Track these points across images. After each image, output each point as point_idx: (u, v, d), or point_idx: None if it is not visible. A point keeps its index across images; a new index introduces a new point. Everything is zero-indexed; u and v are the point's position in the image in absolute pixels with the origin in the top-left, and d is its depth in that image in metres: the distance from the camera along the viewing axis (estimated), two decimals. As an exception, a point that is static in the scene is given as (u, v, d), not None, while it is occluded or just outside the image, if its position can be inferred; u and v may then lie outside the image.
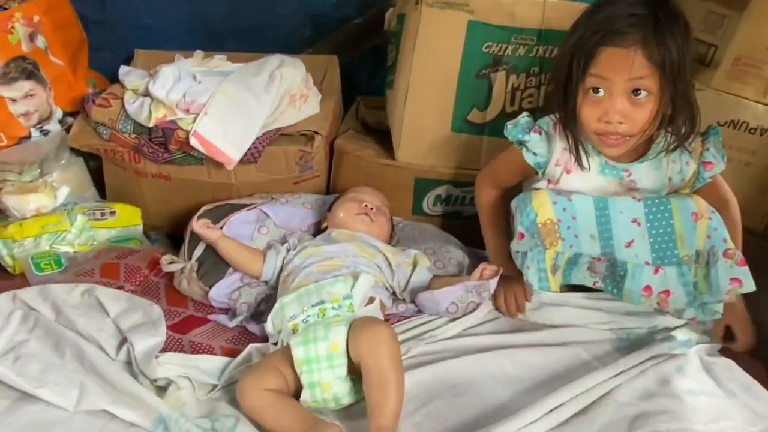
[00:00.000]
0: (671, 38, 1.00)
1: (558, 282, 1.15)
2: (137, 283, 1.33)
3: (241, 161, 1.44)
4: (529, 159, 1.18)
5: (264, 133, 1.48)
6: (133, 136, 1.44)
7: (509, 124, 1.20)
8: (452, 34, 1.41)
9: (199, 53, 1.72)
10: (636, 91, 1.02)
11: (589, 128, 1.08)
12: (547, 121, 1.19)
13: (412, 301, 1.25)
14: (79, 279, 1.31)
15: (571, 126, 1.11)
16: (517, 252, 1.16)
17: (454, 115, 1.47)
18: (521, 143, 1.18)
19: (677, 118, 1.07)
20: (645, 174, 1.14)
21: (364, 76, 2.09)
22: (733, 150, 1.39)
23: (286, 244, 1.26)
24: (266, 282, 1.26)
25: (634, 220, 1.10)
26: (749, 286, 1.06)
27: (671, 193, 1.16)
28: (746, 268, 1.06)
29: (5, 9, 1.43)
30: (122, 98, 1.48)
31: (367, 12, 2.00)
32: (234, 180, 1.50)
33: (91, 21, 1.84)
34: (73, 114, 1.58)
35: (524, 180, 1.29)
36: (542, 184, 1.20)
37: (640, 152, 1.14)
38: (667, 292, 1.10)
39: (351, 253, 1.20)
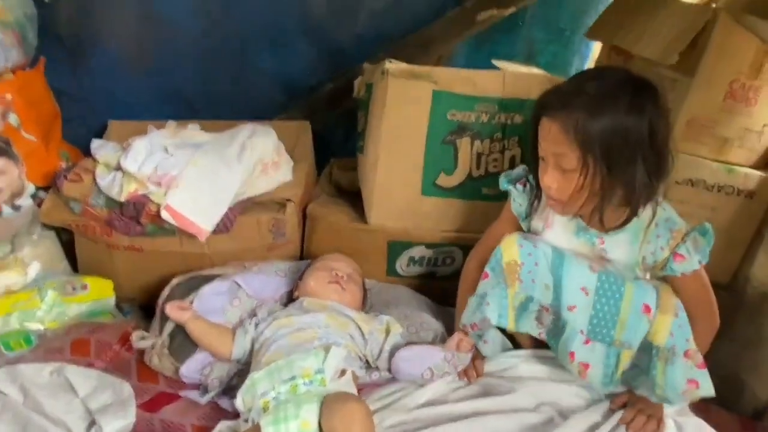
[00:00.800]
0: (598, 120, 1.00)
1: (511, 326, 1.18)
2: (108, 359, 1.31)
3: (214, 231, 1.45)
4: (514, 207, 1.24)
5: (236, 203, 1.49)
6: (105, 210, 1.45)
7: (503, 175, 1.26)
8: (418, 102, 1.46)
9: (171, 123, 1.75)
10: (557, 163, 1.05)
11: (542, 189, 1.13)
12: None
13: (387, 369, 1.25)
14: (48, 357, 1.29)
15: (537, 184, 1.16)
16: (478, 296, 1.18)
17: (424, 179, 1.50)
18: (507, 192, 1.24)
19: (612, 199, 1.06)
20: (617, 246, 1.14)
21: (338, 138, 2.13)
22: (692, 206, 1.43)
23: (255, 318, 1.26)
24: (238, 361, 1.25)
25: (583, 288, 1.12)
26: (707, 389, 1.07)
27: (647, 270, 1.16)
28: (705, 372, 1.08)
29: (-22, 89, 1.45)
30: (94, 173, 1.50)
31: (338, 77, 2.06)
32: (207, 250, 1.50)
33: (64, 93, 1.85)
34: (46, 188, 1.59)
35: None
36: None
37: (619, 223, 1.11)
38: (587, 365, 1.13)
39: (323, 324, 1.20)
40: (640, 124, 1.00)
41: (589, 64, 2.17)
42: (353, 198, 1.65)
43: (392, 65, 1.48)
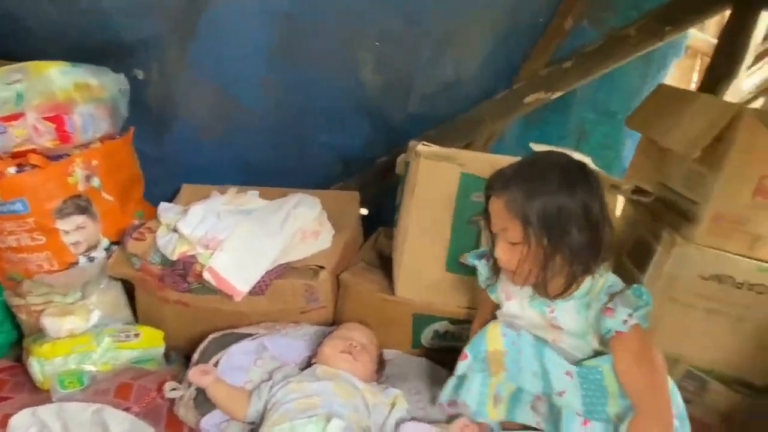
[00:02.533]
0: (539, 199, 1.10)
1: (500, 415, 1.20)
2: (144, 404, 1.45)
3: (250, 292, 1.58)
4: (480, 281, 1.33)
5: (274, 268, 1.62)
6: (159, 267, 1.63)
7: (472, 252, 1.36)
8: (446, 183, 1.53)
9: (232, 189, 1.93)
10: (504, 237, 1.15)
11: None
12: None
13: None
14: (95, 398, 1.44)
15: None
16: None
17: (449, 256, 1.56)
18: (475, 267, 1.34)
19: (553, 267, 1.12)
20: (566, 313, 1.19)
21: (389, 208, 2.23)
22: (721, 303, 1.39)
23: (270, 381, 1.35)
24: (252, 422, 1.34)
25: (567, 373, 1.15)
26: None
27: (599, 340, 1.17)
28: None
29: (69, 156, 1.69)
30: (156, 233, 1.68)
31: (392, 151, 2.18)
32: (244, 308, 1.63)
33: (149, 157, 2.10)
34: (118, 243, 1.80)
35: None
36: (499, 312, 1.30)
37: (560, 290, 1.17)
38: None
39: (330, 392, 1.27)
40: (571, 201, 1.09)
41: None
42: (391, 267, 1.72)
43: (424, 147, 1.57)
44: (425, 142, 1.62)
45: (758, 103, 1.96)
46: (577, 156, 1.19)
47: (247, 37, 1.83)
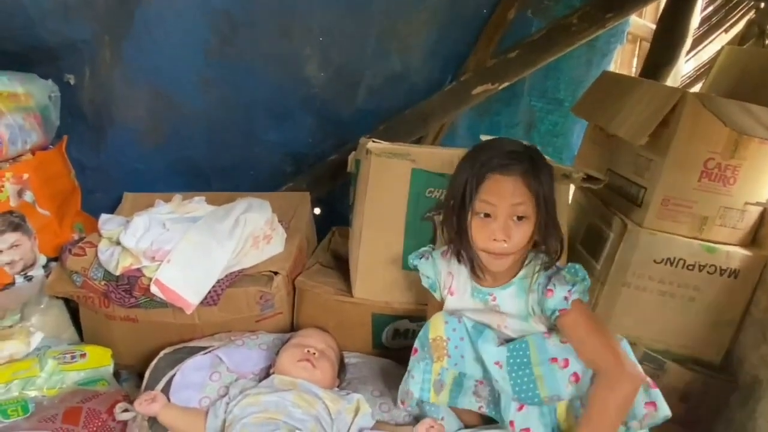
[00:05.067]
0: (543, 173, 1.15)
1: (443, 400, 1.23)
2: (95, 428, 1.37)
3: (202, 303, 1.52)
4: (424, 281, 1.34)
5: (225, 276, 1.56)
6: (102, 283, 1.54)
7: (412, 254, 1.35)
8: (398, 180, 1.51)
9: (177, 197, 1.85)
10: (516, 214, 1.14)
11: (478, 246, 1.18)
12: (438, 251, 1.33)
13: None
14: (41, 425, 1.35)
15: (464, 245, 1.20)
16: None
17: (404, 254, 1.54)
18: (416, 268, 1.34)
19: (549, 241, 1.17)
20: (508, 299, 1.22)
21: (343, 207, 2.20)
22: (673, 286, 1.41)
23: (226, 398, 1.30)
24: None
25: (497, 363, 1.18)
26: (664, 410, 1.08)
27: (544, 323, 1.20)
28: (658, 391, 1.09)
29: (-3, 170, 1.59)
30: (97, 247, 1.60)
31: (343, 147, 2.15)
32: (197, 321, 1.57)
33: (86, 167, 2.00)
34: (57, 259, 1.70)
35: None
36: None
37: (506, 278, 1.22)
38: (528, 429, 1.16)
39: (289, 403, 1.23)
40: (552, 182, 1.17)
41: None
42: (347, 267, 1.69)
43: (374, 144, 1.54)
44: (375, 139, 1.59)
45: (697, 87, 2.01)
46: None
47: (183, 36, 1.76)
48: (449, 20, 1.94)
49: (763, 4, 1.67)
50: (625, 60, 3.38)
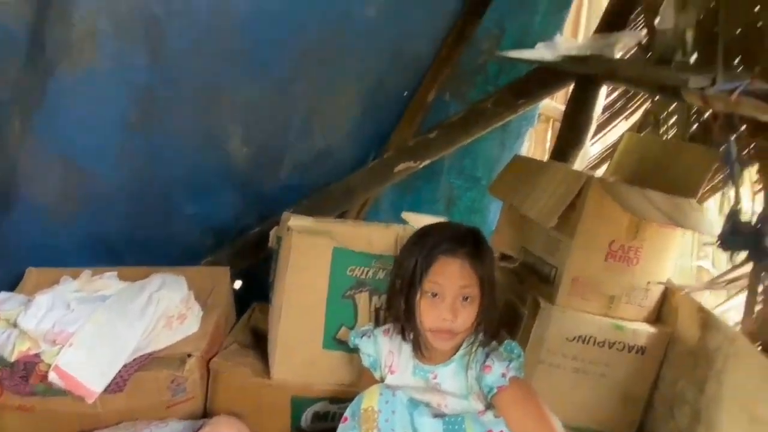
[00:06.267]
0: (486, 256, 1.22)
1: None
2: None
3: (106, 390, 1.42)
4: (365, 360, 1.35)
5: (134, 360, 1.47)
6: (-5, 369, 1.42)
7: (353, 331, 1.38)
8: (320, 258, 1.50)
9: (86, 273, 1.76)
10: (463, 296, 1.19)
11: (425, 326, 1.21)
12: (380, 329, 1.35)
13: None
14: None
15: (411, 324, 1.24)
16: None
17: (325, 333, 1.52)
18: (357, 348, 1.35)
19: (489, 320, 1.22)
20: (448, 377, 1.24)
21: (264, 281, 2.15)
22: (585, 363, 1.45)
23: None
24: None
25: None
26: None
27: (481, 399, 1.21)
28: None
29: None
30: (-9, 329, 1.48)
31: (266, 221, 2.12)
32: (100, 409, 1.45)
33: (-14, 244, 1.88)
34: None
35: None
36: None
37: (447, 356, 1.25)
38: None
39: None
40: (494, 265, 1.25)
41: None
42: (267, 346, 1.64)
43: (295, 221, 1.54)
44: (297, 215, 1.59)
45: (603, 168, 2.15)
46: None
47: (101, 109, 1.72)
48: (372, 101, 2.01)
49: (657, 97, 1.83)
50: (539, 138, 3.60)
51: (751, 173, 1.45)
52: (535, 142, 3.51)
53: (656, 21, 1.55)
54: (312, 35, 1.76)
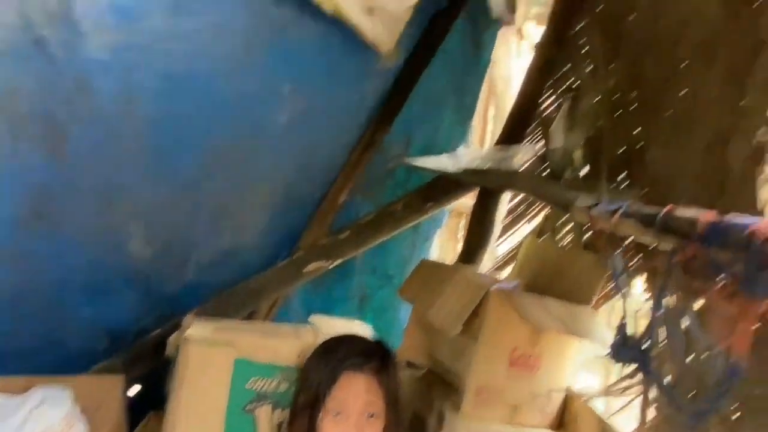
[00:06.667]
0: (393, 371, 1.23)
1: None
2: None
3: None
4: None
5: (1, 491, 1.31)
6: None
7: None
8: (219, 370, 1.44)
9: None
10: (368, 412, 1.16)
11: None
12: None
13: None
14: None
15: None
16: None
17: (223, 449, 1.42)
18: None
19: None
20: None
21: (163, 386, 2.02)
22: (492, 475, 1.43)
23: None
24: None
25: None
26: None
27: None
28: None
29: None
30: None
31: (167, 323, 2.02)
32: None
33: None
34: None
35: None
36: None
37: None
38: None
39: None
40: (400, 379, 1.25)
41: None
42: (160, 464, 1.52)
43: (194, 330, 1.47)
44: (200, 318, 1.52)
45: (510, 268, 2.23)
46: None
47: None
48: (283, 201, 2.01)
49: (550, 207, 1.95)
50: (451, 232, 3.72)
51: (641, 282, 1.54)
52: (449, 234, 3.62)
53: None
54: (222, 138, 1.77)
